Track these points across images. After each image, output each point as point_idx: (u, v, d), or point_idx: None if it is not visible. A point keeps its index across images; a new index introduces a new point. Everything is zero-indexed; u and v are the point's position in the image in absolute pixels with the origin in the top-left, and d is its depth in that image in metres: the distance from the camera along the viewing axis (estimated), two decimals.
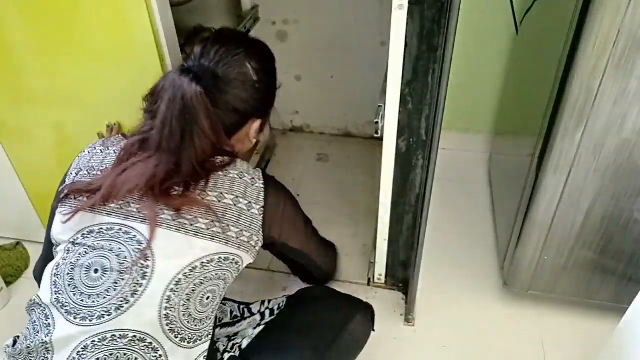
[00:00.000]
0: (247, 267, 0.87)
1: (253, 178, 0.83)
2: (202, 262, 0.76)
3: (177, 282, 0.74)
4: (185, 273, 0.74)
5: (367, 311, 1.00)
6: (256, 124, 0.90)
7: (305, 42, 1.75)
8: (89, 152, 0.87)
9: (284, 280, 1.40)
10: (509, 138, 1.54)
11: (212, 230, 0.76)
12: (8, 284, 1.40)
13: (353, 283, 1.38)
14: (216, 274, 0.78)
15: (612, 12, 0.83)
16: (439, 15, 0.90)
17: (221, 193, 0.79)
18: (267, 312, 0.99)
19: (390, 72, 0.96)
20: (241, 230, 0.80)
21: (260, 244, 0.84)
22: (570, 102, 0.93)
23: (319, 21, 1.69)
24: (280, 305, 1.00)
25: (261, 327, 0.95)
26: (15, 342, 0.79)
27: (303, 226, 0.98)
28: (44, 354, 0.73)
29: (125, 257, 0.74)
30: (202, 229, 0.76)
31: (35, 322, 0.76)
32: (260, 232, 0.83)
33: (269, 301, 1.02)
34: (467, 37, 1.53)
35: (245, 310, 1.02)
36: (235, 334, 0.96)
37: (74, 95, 1.14)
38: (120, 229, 0.75)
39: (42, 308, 0.76)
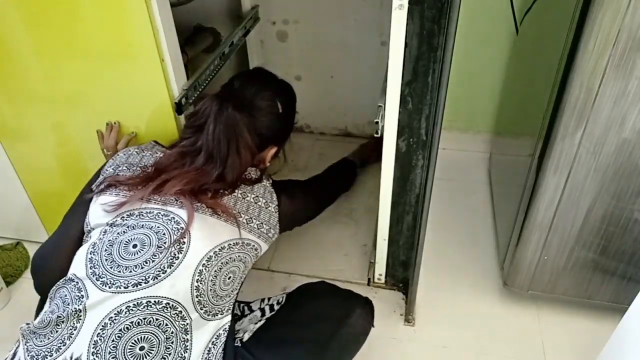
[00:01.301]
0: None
1: (265, 185, 0.98)
2: (230, 244, 0.86)
3: (208, 258, 0.83)
4: (216, 252, 0.84)
5: (366, 306, 1.01)
6: (273, 150, 1.05)
7: (305, 42, 1.75)
8: (124, 154, 0.97)
9: (284, 280, 1.40)
10: (509, 138, 1.54)
11: (239, 220, 0.89)
12: (8, 284, 1.41)
13: (353, 283, 1.39)
14: (238, 256, 0.88)
15: (612, 12, 0.83)
16: (439, 15, 0.90)
17: (244, 192, 0.94)
18: (267, 308, 1.00)
19: (390, 72, 0.96)
20: (262, 223, 0.93)
21: (276, 236, 0.97)
22: (570, 102, 0.93)
23: (319, 21, 1.69)
24: (280, 301, 1.01)
25: (262, 322, 0.96)
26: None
27: (313, 205, 1.15)
28: (74, 322, 0.77)
29: (164, 234, 0.82)
30: (232, 213, 0.88)
31: (66, 295, 0.80)
32: (277, 226, 0.97)
33: (269, 298, 1.03)
34: (467, 37, 1.53)
35: (245, 308, 1.03)
36: (237, 331, 0.96)
37: (74, 95, 1.14)
38: (160, 212, 0.85)
39: (75, 282, 0.81)
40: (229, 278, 0.87)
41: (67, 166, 1.29)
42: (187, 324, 0.81)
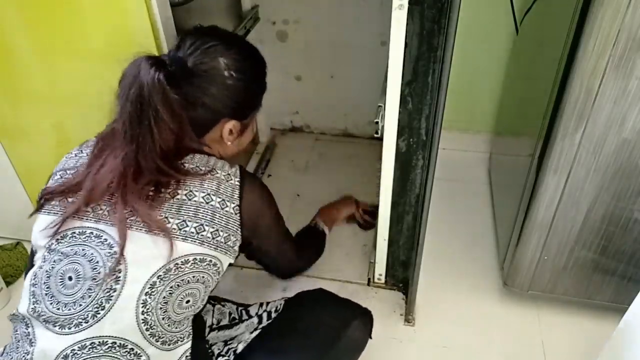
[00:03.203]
0: (247, 267, 0.85)
1: (228, 174, 0.79)
2: (177, 264, 0.73)
3: (151, 285, 0.72)
4: (160, 276, 0.72)
5: (365, 317, 0.99)
6: (229, 124, 0.85)
7: (305, 42, 1.76)
8: (65, 158, 0.84)
9: (284, 280, 1.40)
10: (509, 138, 1.54)
11: (185, 230, 0.73)
12: (8, 284, 1.41)
13: (353, 283, 1.38)
14: (193, 277, 0.75)
15: (612, 12, 0.83)
16: (439, 15, 0.90)
17: (191, 191, 0.75)
18: (265, 315, 0.98)
19: (390, 72, 0.96)
20: (217, 230, 0.76)
21: (238, 244, 0.80)
22: (570, 102, 0.93)
23: (319, 21, 1.69)
24: (278, 308, 0.99)
25: (258, 332, 0.94)
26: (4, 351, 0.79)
27: (278, 229, 0.95)
28: None
29: (97, 262, 0.72)
30: (174, 229, 0.73)
31: (17, 334, 0.75)
32: (239, 232, 0.79)
33: (267, 303, 1.01)
34: (467, 37, 1.53)
35: (244, 312, 1.01)
36: (232, 338, 0.95)
37: (74, 95, 1.14)
38: (92, 233, 0.73)
39: (22, 319, 0.74)
40: (186, 302, 0.75)
41: None
42: None
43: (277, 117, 1.98)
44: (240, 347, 0.90)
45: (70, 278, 0.72)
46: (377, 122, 1.01)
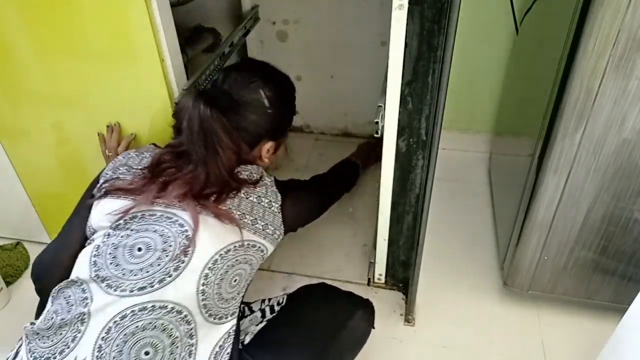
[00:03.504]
0: None
1: (267, 184, 0.94)
2: (235, 246, 0.84)
3: (214, 261, 0.81)
4: (222, 254, 0.82)
5: (367, 308, 1.01)
6: (267, 145, 0.99)
7: (305, 42, 1.75)
8: (123, 157, 0.95)
9: (284, 280, 1.40)
10: (509, 138, 1.54)
11: (243, 221, 0.86)
12: (8, 284, 1.41)
13: (353, 283, 1.39)
14: (244, 258, 0.86)
15: (612, 12, 0.83)
16: (439, 15, 0.90)
17: (247, 191, 0.90)
18: (268, 309, 1.00)
19: (390, 72, 0.96)
20: (266, 224, 0.90)
21: (282, 237, 0.94)
22: (570, 102, 0.93)
23: (319, 21, 1.69)
24: (280, 302, 1.01)
25: (263, 324, 0.96)
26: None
27: (315, 206, 1.11)
28: (78, 325, 0.77)
29: (169, 237, 0.81)
30: (235, 219, 0.85)
31: (70, 296, 0.80)
32: (282, 227, 0.93)
33: (269, 299, 1.03)
34: (467, 37, 1.53)
35: (246, 308, 1.03)
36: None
37: (74, 95, 1.14)
38: (163, 215, 0.83)
39: (79, 284, 0.80)
40: (234, 281, 0.85)
41: (67, 166, 1.29)
42: (192, 328, 0.80)
43: None
44: (247, 339, 0.93)
45: (139, 249, 0.80)
46: (377, 122, 1.01)
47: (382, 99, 1.00)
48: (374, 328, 1.01)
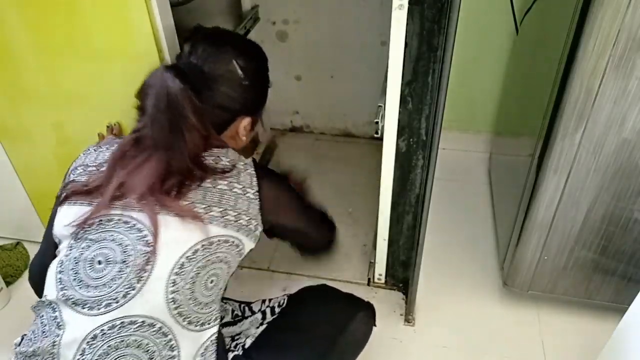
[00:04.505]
0: (247, 267, 0.86)
1: (245, 164, 0.85)
2: (203, 245, 0.77)
3: (180, 266, 0.75)
4: (188, 256, 0.76)
5: (367, 310, 1.00)
6: (244, 121, 0.91)
7: (305, 42, 1.75)
8: (83, 154, 0.88)
9: (284, 280, 1.40)
10: (509, 138, 1.54)
11: (210, 215, 0.78)
12: (8, 284, 1.41)
13: (353, 283, 1.39)
14: (217, 257, 0.79)
15: (612, 12, 0.83)
16: (439, 15, 0.90)
17: (215, 179, 0.80)
18: (268, 311, 0.99)
19: (390, 72, 0.96)
20: (239, 214, 0.81)
21: (259, 228, 0.85)
22: (570, 102, 0.93)
23: (319, 21, 1.69)
24: (281, 303, 1.00)
25: (264, 327, 0.96)
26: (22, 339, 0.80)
27: (298, 206, 0.97)
28: (50, 349, 0.74)
29: (127, 246, 0.75)
30: (201, 213, 0.77)
31: (43, 316, 0.77)
32: (259, 216, 0.84)
33: (270, 300, 1.03)
34: (467, 37, 1.53)
35: (246, 308, 1.02)
36: (239, 334, 0.96)
37: (74, 95, 1.14)
38: (120, 219, 0.76)
39: (48, 304, 0.77)
40: (211, 282, 0.79)
41: (68, 166, 1.29)
42: (171, 339, 0.75)
43: (277, 117, 1.98)
44: (248, 342, 0.92)
45: (99, 262, 0.75)
46: (377, 122, 1.01)
47: (382, 99, 1.00)
48: (375, 326, 1.01)
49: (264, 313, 0.99)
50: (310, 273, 1.41)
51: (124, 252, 0.75)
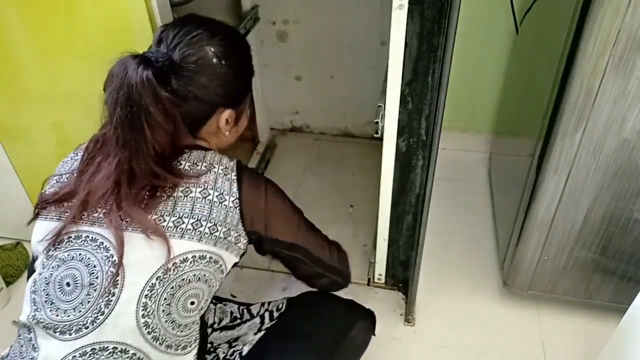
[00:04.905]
0: (247, 267, 0.84)
1: (226, 167, 0.77)
2: (175, 263, 0.70)
3: (150, 287, 0.69)
4: (159, 277, 0.69)
5: (367, 317, 0.99)
6: (225, 114, 0.81)
7: (305, 42, 1.75)
8: (62, 163, 0.82)
9: (284, 280, 1.40)
10: (509, 138, 1.54)
11: (181, 228, 0.71)
12: (8, 284, 1.41)
13: (353, 283, 1.37)
14: (194, 275, 0.72)
15: (612, 12, 0.83)
16: (439, 15, 0.90)
17: (187, 187, 0.73)
18: (267, 315, 0.98)
19: (390, 72, 0.96)
20: (215, 225, 0.72)
21: (243, 240, 0.77)
22: (570, 102, 0.93)
23: (319, 21, 1.69)
24: (280, 308, 0.98)
25: (262, 333, 0.94)
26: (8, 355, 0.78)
27: (293, 216, 0.86)
28: None
29: (95, 267, 0.70)
30: (170, 227, 0.70)
31: (21, 339, 0.75)
32: (240, 226, 0.75)
33: (269, 303, 1.01)
34: (467, 37, 1.53)
35: (245, 311, 1.01)
36: (236, 339, 0.95)
37: (74, 95, 1.14)
38: (88, 236, 0.71)
39: (23, 325, 0.74)
40: (191, 304, 0.73)
41: None
42: None
43: (277, 117, 1.98)
44: (245, 349, 0.90)
45: (68, 284, 0.70)
46: (377, 122, 1.01)
47: (382, 99, 1.00)
48: (374, 335, 0.99)
49: (262, 317, 0.98)
50: None
51: (91, 273, 0.70)
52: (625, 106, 0.91)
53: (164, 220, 0.71)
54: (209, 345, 0.92)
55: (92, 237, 0.71)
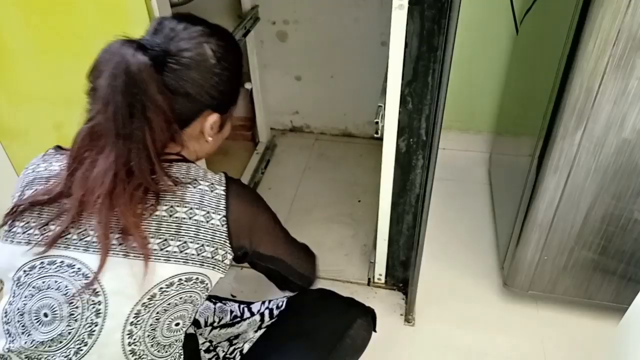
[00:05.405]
0: (247, 267, 0.83)
1: (212, 184, 0.72)
2: (161, 288, 0.66)
3: (136, 314, 0.66)
4: (144, 303, 0.66)
5: (367, 315, 0.99)
6: (212, 118, 0.75)
7: (305, 42, 1.76)
8: (23, 175, 0.75)
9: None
10: (509, 138, 1.54)
11: (167, 250, 0.67)
12: None
13: (353, 283, 1.38)
14: (181, 298, 0.69)
15: (612, 12, 0.83)
16: (439, 15, 0.90)
17: (171, 206, 0.68)
18: (267, 313, 0.98)
19: (390, 72, 0.96)
20: (202, 246, 0.69)
21: (229, 257, 0.73)
22: (570, 102, 0.93)
23: (319, 21, 1.69)
24: (280, 306, 0.99)
25: (262, 331, 0.94)
26: None
27: (275, 230, 0.85)
28: None
29: (74, 295, 0.65)
30: (155, 250, 0.66)
31: None
32: (227, 244, 0.72)
33: (269, 301, 1.02)
34: (467, 37, 1.53)
35: (245, 309, 1.01)
36: (236, 337, 0.95)
37: (74, 95, 1.14)
38: (63, 262, 0.66)
39: (1, 357, 0.70)
40: (176, 325, 0.70)
41: None
42: None
43: (277, 117, 1.98)
44: (246, 347, 0.91)
45: (45, 315, 0.66)
46: (377, 122, 1.01)
47: (382, 99, 1.00)
48: (375, 331, 0.99)
49: (262, 315, 0.98)
50: None
51: (70, 303, 0.65)
52: (625, 106, 0.91)
53: (149, 243, 0.66)
54: (208, 344, 0.92)
55: (67, 263, 0.66)
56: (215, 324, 0.98)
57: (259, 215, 0.79)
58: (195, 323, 0.97)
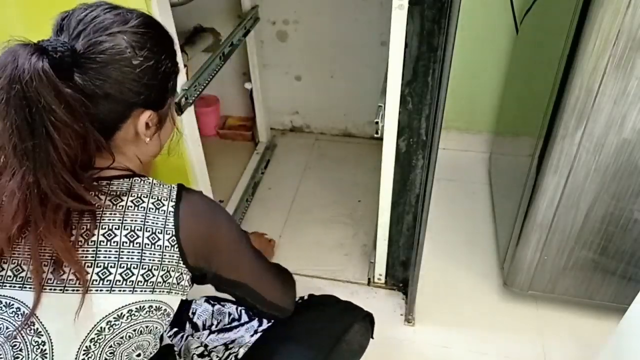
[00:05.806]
0: None
1: (158, 200, 0.65)
2: (109, 322, 0.61)
3: (85, 350, 0.61)
4: (92, 339, 0.60)
5: (365, 320, 0.97)
6: (144, 116, 0.66)
7: (305, 42, 1.76)
8: None
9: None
10: (509, 138, 1.54)
11: (108, 280, 0.60)
12: None
13: (353, 283, 1.38)
14: (135, 330, 0.63)
15: (612, 12, 0.83)
16: (439, 15, 0.90)
17: (110, 229, 0.61)
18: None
19: (390, 72, 0.96)
20: (149, 270, 0.62)
21: (186, 278, 0.67)
22: (570, 102, 0.93)
23: (319, 21, 1.69)
24: None
25: (258, 335, 0.93)
26: None
27: (239, 250, 0.76)
28: None
29: (16, 338, 0.60)
30: (95, 280, 0.60)
31: None
32: (181, 264, 0.65)
33: None
34: (467, 37, 1.53)
35: (243, 312, 1.00)
36: (232, 342, 0.94)
37: None
38: (0, 302, 0.61)
39: None
40: (137, 355, 0.65)
41: None
42: None
43: (277, 117, 1.98)
44: (241, 352, 0.89)
45: None
46: (377, 122, 1.01)
47: (382, 99, 1.00)
48: (372, 338, 0.99)
49: (260, 320, 0.97)
50: (311, 273, 1.41)
51: (13, 345, 0.60)
52: (625, 106, 0.91)
53: (86, 272, 0.59)
54: (202, 349, 0.91)
55: (5, 302, 0.60)
56: (213, 328, 0.97)
57: (218, 232, 0.70)
58: (194, 326, 0.96)
